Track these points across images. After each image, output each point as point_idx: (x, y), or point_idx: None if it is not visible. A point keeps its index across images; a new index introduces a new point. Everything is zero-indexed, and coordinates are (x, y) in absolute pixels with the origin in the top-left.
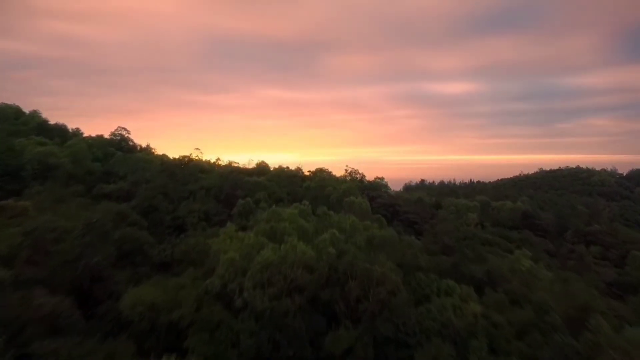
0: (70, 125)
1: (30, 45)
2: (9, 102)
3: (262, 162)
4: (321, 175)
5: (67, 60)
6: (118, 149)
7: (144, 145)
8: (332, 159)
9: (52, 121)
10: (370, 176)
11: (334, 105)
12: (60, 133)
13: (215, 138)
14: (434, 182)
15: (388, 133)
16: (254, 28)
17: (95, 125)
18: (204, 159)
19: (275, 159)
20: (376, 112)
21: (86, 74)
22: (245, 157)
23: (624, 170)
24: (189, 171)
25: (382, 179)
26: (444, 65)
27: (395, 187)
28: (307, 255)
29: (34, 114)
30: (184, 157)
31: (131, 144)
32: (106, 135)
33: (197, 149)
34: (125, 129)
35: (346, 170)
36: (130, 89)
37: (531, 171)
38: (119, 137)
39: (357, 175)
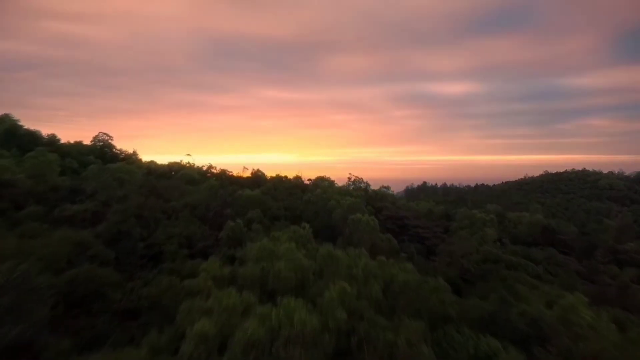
0: (69, 126)
1: (30, 45)
2: (9, 102)
3: (258, 170)
4: (322, 186)
5: (66, 60)
6: (99, 157)
7: (130, 150)
8: (332, 159)
9: (50, 122)
10: (370, 177)
11: (333, 105)
12: (30, 140)
13: (215, 138)
14: (436, 184)
15: (388, 133)
16: (254, 28)
17: (94, 125)
18: (196, 165)
19: (275, 159)
20: (376, 113)
21: (86, 75)
22: (244, 157)
23: (627, 172)
24: (174, 184)
25: (388, 188)
26: (444, 65)
27: (396, 188)
28: (309, 326)
29: (5, 118)
30: (174, 164)
31: (116, 151)
32: (87, 141)
33: (189, 154)
34: (107, 134)
35: (349, 178)
36: (130, 90)
37: (533, 172)
38: (100, 144)
39: (361, 184)
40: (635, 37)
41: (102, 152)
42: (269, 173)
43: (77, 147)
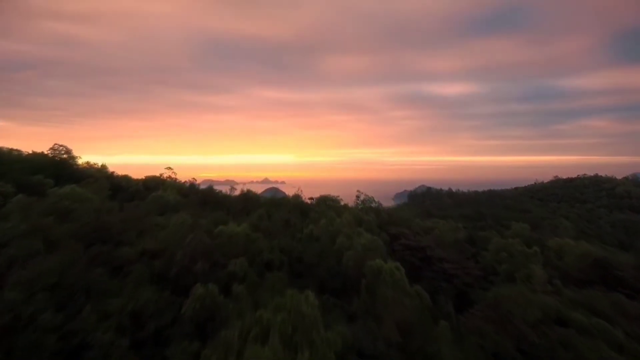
0: (69, 126)
1: (30, 45)
2: (9, 102)
3: (249, 191)
4: (328, 215)
5: (66, 60)
6: (53, 176)
7: (100, 162)
8: (331, 159)
9: (49, 122)
10: (370, 177)
11: (332, 106)
12: None
13: (214, 138)
14: (441, 189)
15: (387, 134)
16: (253, 30)
17: (94, 125)
18: (178, 180)
19: (274, 159)
20: (375, 113)
21: (85, 75)
22: (243, 158)
23: (623, 174)
24: (135, 215)
25: (402, 209)
26: (442, 66)
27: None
28: None
29: None
30: (151, 178)
31: (84, 165)
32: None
33: (169, 168)
34: (64, 147)
35: (357, 197)
36: (129, 90)
37: (534, 173)
38: (58, 158)
39: (372, 203)
40: (634, 38)
41: (59, 168)
42: (268, 174)
43: (26, 161)
